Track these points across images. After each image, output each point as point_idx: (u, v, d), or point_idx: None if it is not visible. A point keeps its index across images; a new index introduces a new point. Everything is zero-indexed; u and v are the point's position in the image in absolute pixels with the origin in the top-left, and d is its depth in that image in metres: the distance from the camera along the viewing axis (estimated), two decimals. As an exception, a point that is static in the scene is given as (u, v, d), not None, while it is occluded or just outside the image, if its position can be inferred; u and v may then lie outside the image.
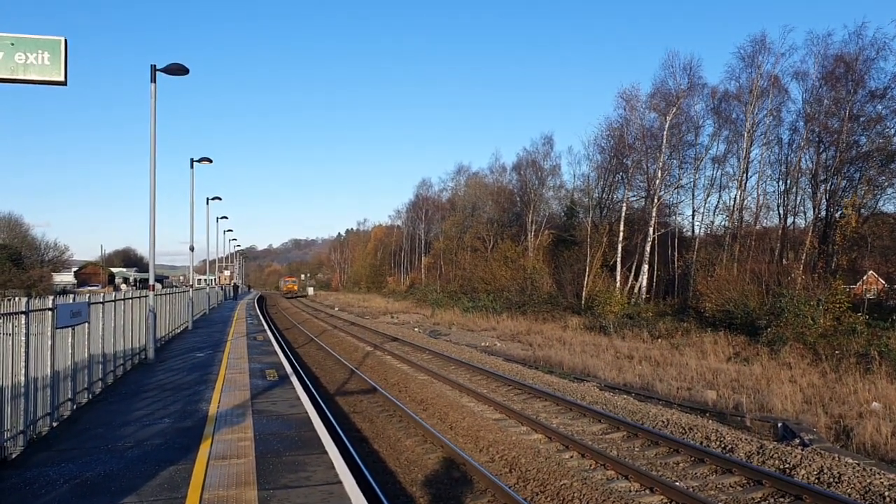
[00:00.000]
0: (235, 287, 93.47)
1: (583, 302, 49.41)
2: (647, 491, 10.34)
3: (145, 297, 20.19)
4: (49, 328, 10.46)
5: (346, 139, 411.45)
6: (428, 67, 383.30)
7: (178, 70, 20.01)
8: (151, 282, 20.87)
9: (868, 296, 36.50)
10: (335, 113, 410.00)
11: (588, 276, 51.11)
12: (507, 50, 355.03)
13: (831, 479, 10.60)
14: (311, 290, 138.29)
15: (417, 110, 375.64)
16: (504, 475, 11.55)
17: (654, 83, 61.56)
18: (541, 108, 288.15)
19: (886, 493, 9.84)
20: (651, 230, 48.49)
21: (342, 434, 13.64)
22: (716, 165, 49.92)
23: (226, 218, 63.23)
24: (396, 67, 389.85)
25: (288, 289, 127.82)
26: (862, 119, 40.45)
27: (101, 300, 14.73)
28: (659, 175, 49.23)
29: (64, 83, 9.64)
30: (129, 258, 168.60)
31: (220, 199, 48.67)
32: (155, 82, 19.88)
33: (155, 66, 19.86)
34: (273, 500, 7.28)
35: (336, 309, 72.76)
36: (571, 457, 12.38)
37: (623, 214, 51.96)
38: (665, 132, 48.14)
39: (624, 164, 54.34)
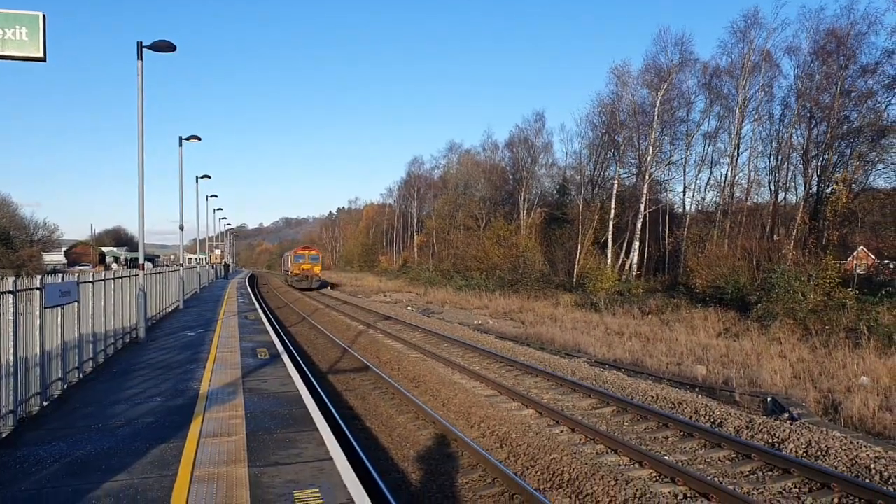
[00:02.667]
0: (226, 266, 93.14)
1: (574, 279, 49.56)
2: (637, 465, 10.42)
3: (135, 276, 20.11)
4: (38, 308, 10.41)
5: (338, 117, 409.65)
6: (419, 45, 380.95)
7: (165, 47, 19.79)
8: (141, 261, 20.79)
9: (858, 271, 36.66)
10: (326, 91, 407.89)
11: (579, 253, 51.23)
12: (498, 26, 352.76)
13: (819, 453, 10.70)
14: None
15: (409, 87, 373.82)
16: (495, 450, 11.62)
17: (646, 59, 61.73)
18: (532, 85, 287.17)
19: (872, 466, 9.95)
20: (642, 207, 48.55)
21: (334, 411, 13.68)
22: (707, 141, 49.96)
23: (216, 196, 62.99)
24: (387, 45, 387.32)
25: (301, 271, 65.53)
26: (853, 94, 40.47)
27: (91, 280, 14.66)
28: (650, 152, 49.22)
29: (43, 59, 9.51)
30: (119, 237, 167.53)
31: (209, 177, 48.35)
32: (142, 59, 19.67)
33: (141, 43, 19.64)
34: (264, 477, 7.30)
35: (328, 288, 72.75)
36: (562, 431, 12.46)
37: (614, 191, 51.98)
38: (656, 108, 48.07)
39: (615, 140, 54.29)
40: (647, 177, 48.99)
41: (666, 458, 10.66)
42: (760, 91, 45.20)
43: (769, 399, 15.67)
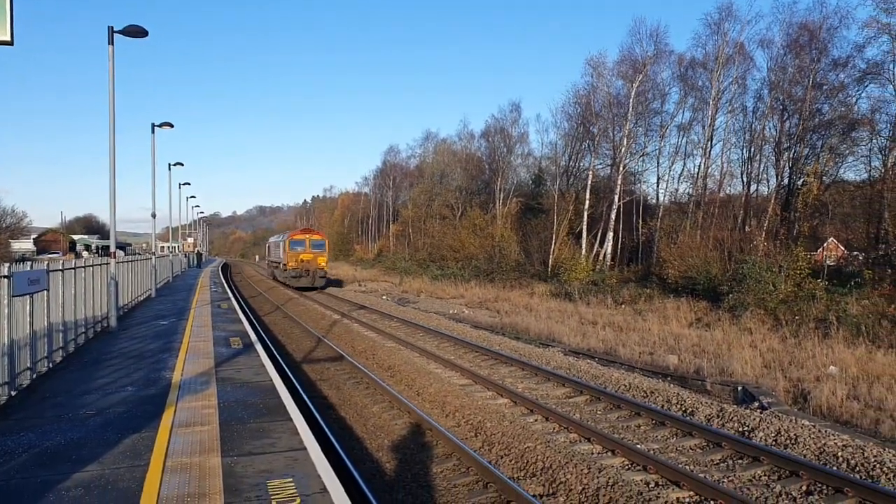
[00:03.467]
0: (199, 255, 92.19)
1: (549, 269, 49.78)
2: (609, 453, 10.52)
3: (106, 264, 19.86)
4: (6, 296, 10.24)
5: (313, 105, 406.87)
6: (394, 32, 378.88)
7: (136, 32, 19.50)
8: (113, 249, 20.53)
9: (828, 262, 37.23)
10: (301, 79, 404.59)
11: (555, 243, 51.45)
12: (475, 16, 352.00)
13: (788, 441, 10.87)
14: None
15: (385, 76, 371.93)
16: (469, 439, 11.66)
17: (622, 50, 61.85)
18: (509, 75, 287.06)
19: (839, 454, 10.13)
20: (616, 198, 48.82)
21: (308, 401, 13.64)
22: (681, 133, 50.34)
23: (189, 184, 62.27)
24: (363, 33, 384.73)
25: (300, 263, 46.89)
26: (825, 87, 40.94)
27: (61, 268, 14.46)
28: (625, 143, 49.47)
29: (10, 43, 9.26)
30: (90, 225, 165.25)
31: (182, 165, 47.77)
32: (112, 44, 19.36)
33: (112, 27, 19.32)
34: (237, 467, 7.26)
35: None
36: (536, 420, 12.53)
37: (589, 182, 52.20)
38: (631, 99, 48.27)
39: (591, 131, 54.49)
40: (621, 168, 49.26)
41: (638, 446, 10.77)
42: (734, 83, 45.61)
43: (740, 388, 15.89)
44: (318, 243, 47.63)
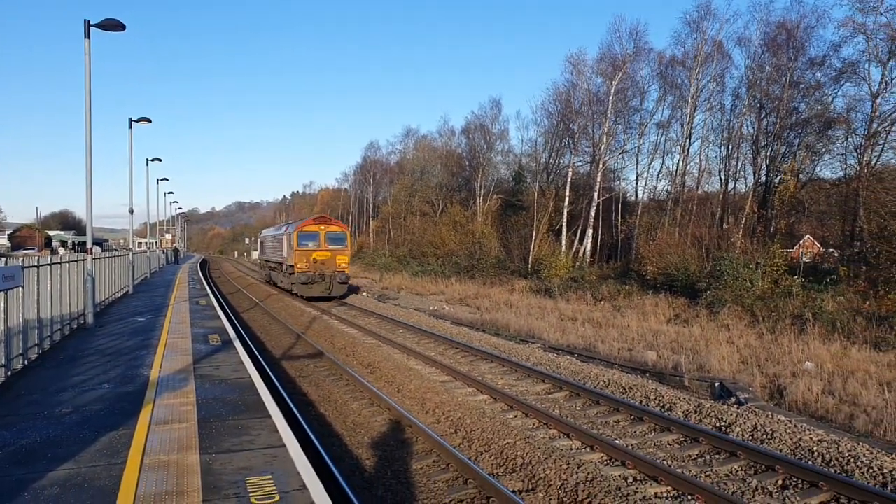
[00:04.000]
0: (176, 251, 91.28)
1: (529, 266, 49.91)
2: (588, 449, 10.58)
3: (83, 260, 19.65)
4: (-21, 293, 10.10)
5: (293, 101, 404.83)
6: (374, 29, 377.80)
7: (113, 26, 19.27)
8: (89, 245, 20.30)
9: (804, 259, 37.67)
10: (281, 74, 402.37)
11: (535, 240, 51.58)
12: (456, 12, 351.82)
13: (764, 436, 10.99)
14: (255, 255, 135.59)
15: (365, 72, 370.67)
16: (449, 436, 11.68)
17: (601, 48, 62.03)
18: (489, 72, 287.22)
19: (815, 448, 10.25)
20: (596, 195, 49.03)
21: (287, 398, 13.60)
22: (660, 131, 50.64)
23: (166, 180, 61.83)
24: (342, 29, 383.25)
25: (312, 265, 34.56)
26: (802, 86, 41.40)
27: (36, 264, 14.29)
28: (604, 140, 49.66)
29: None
30: (66, 221, 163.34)
31: (160, 160, 47.30)
32: (89, 38, 19.13)
33: (88, 21, 19.09)
34: (216, 464, 7.22)
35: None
36: (515, 416, 12.57)
37: (569, 179, 52.37)
38: (611, 97, 48.47)
39: (570, 129, 54.63)
40: (600, 165, 49.46)
41: (617, 441, 10.85)
42: (712, 81, 45.94)
43: (717, 384, 16.03)
44: (337, 237, 35.34)
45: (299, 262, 34.07)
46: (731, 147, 45.74)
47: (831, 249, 37.82)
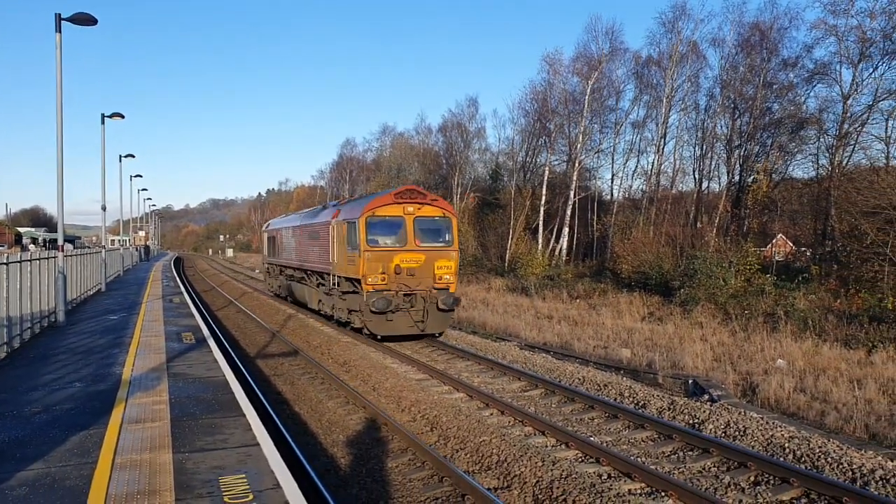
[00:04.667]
0: (147, 248, 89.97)
1: (506, 264, 50.08)
2: (563, 446, 10.62)
3: (54, 258, 19.38)
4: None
5: (268, 97, 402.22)
6: (350, 25, 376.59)
7: (84, 20, 19.02)
8: (60, 242, 20.01)
9: (777, 258, 38.17)
10: (256, 71, 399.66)
11: (511, 238, 51.75)
12: (433, 9, 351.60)
13: (737, 433, 11.11)
14: (230, 252, 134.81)
15: (342, 69, 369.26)
16: (425, 434, 11.67)
17: (577, 47, 62.26)
18: (465, 69, 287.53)
19: (786, 445, 10.38)
20: (572, 194, 49.29)
21: (261, 396, 13.52)
22: (635, 130, 51.05)
23: (140, 177, 61.18)
24: (318, 25, 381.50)
25: (394, 277, 18.94)
26: (775, 86, 41.96)
27: (6, 261, 14.07)
28: (580, 139, 49.94)
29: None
30: (37, 218, 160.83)
31: (133, 156, 46.82)
32: (60, 32, 18.84)
33: (59, 15, 18.81)
34: (188, 463, 7.15)
35: (256, 271, 71.48)
36: (491, 414, 12.59)
37: (546, 178, 52.59)
38: (587, 96, 48.74)
39: (547, 128, 54.85)
40: (576, 164, 49.73)
41: (591, 438, 10.90)
42: (687, 81, 46.45)
43: (691, 381, 16.18)
44: (436, 225, 20.36)
45: (370, 272, 19.19)
46: (705, 147, 46.24)
47: (803, 248, 38.40)
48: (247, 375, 15.49)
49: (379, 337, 19.55)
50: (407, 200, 19.78)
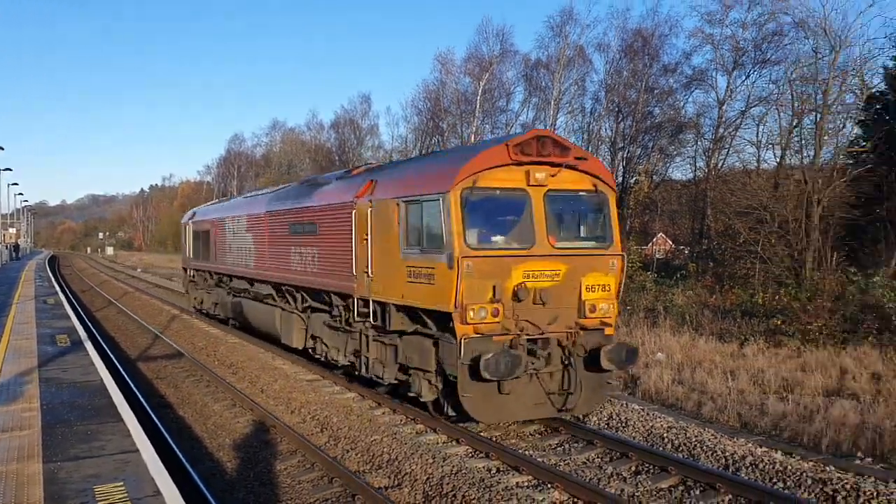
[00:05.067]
0: (16, 246, 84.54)
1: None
2: (454, 443, 10.72)
3: None
4: None
5: (150, 90, 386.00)
6: (238, 20, 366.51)
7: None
8: (-83, 239, 18.55)
9: (658, 256, 39.85)
10: (138, 61, 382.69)
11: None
12: (321, 6, 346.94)
13: (619, 424, 11.54)
14: (110, 250, 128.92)
15: (228, 63, 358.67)
16: (315, 435, 11.51)
17: (469, 48, 62.78)
18: (359, 66, 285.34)
19: (665, 435, 10.86)
20: (465, 193, 49.72)
21: (143, 400, 13.00)
22: (525, 131, 52.07)
23: (10, 170, 57.43)
24: (206, 19, 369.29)
25: (523, 309, 9.85)
26: (656, 91, 43.81)
27: None
28: (472, 139, 50.52)
29: None
30: None
31: (2, 149, 44.01)
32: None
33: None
34: (61, 473, 6.79)
35: (139, 270, 68.68)
36: (383, 413, 12.55)
37: (439, 176, 52.85)
38: (478, 97, 49.38)
39: (440, 126, 55.26)
40: (469, 163, 50.20)
41: (481, 434, 11.05)
42: (574, 85, 47.75)
43: (577, 375, 16.61)
44: (589, 206, 11.36)
45: (473, 299, 9.69)
46: (591, 148, 47.67)
47: (682, 247, 40.26)
48: (127, 379, 14.84)
49: (478, 419, 10.49)
50: (535, 158, 10.47)
